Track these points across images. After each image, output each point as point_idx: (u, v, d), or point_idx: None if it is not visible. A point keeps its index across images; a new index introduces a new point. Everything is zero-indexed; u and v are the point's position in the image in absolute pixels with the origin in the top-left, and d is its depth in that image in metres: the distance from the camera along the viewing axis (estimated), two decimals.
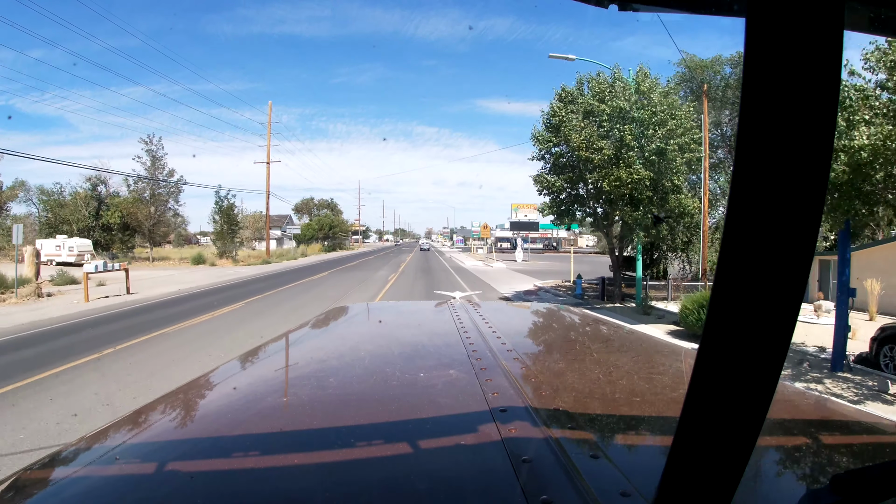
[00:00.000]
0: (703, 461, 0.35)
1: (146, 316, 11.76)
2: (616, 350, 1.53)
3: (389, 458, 0.73)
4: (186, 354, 7.82)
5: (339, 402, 0.97)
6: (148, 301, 14.43)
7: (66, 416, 5.09)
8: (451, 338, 1.39)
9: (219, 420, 0.93)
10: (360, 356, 1.35)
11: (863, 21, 0.49)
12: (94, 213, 35.14)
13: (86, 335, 9.44)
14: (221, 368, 1.30)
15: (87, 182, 35.97)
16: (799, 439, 0.87)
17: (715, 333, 0.34)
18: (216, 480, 0.70)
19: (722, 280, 0.33)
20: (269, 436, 0.82)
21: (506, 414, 0.81)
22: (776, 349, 0.33)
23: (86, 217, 34.81)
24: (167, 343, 8.75)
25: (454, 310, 1.83)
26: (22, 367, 6.92)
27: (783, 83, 0.31)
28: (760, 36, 0.31)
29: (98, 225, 34.79)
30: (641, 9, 0.53)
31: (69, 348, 8.17)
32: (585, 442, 0.73)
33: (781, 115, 0.31)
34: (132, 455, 0.82)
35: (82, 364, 7.21)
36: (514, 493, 0.60)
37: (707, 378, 0.34)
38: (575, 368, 1.23)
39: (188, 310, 12.55)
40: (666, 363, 1.37)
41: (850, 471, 0.45)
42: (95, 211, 35.26)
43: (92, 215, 35.02)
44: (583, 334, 1.77)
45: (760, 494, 0.64)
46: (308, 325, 1.87)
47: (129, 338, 8.93)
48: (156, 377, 6.41)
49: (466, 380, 1.01)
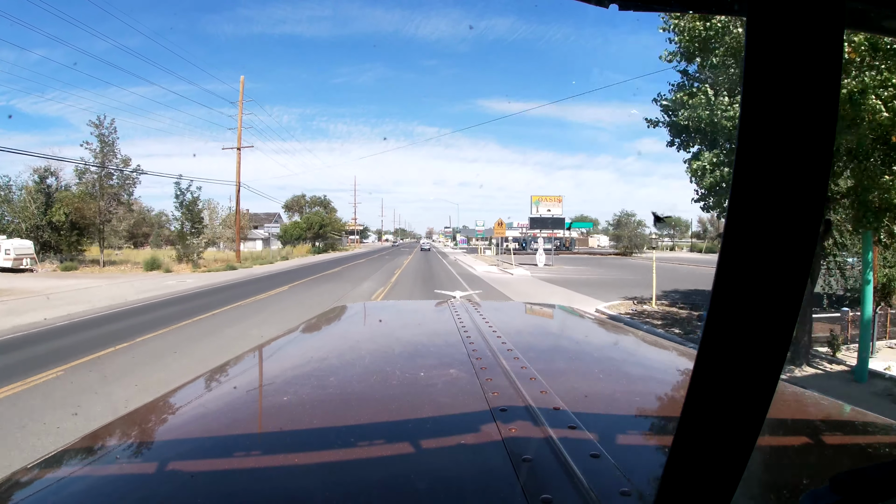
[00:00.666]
0: (703, 461, 0.35)
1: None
2: (616, 350, 1.55)
3: (389, 457, 0.73)
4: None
5: (340, 401, 0.97)
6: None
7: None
8: (452, 337, 1.40)
9: (219, 419, 0.93)
10: (361, 355, 1.36)
11: (863, 20, 0.50)
12: (43, 210, 29.32)
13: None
14: (222, 367, 1.29)
15: (35, 174, 30.06)
16: (798, 439, 0.87)
17: (715, 333, 0.34)
18: (216, 480, 0.70)
19: (722, 280, 0.33)
20: (270, 435, 0.83)
21: (506, 413, 0.82)
22: (776, 349, 0.33)
23: (34, 215, 29.16)
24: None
25: (454, 309, 1.84)
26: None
27: (784, 82, 0.31)
28: (761, 35, 0.31)
29: (46, 223, 29.12)
30: (642, 8, 0.53)
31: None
32: (586, 441, 0.73)
33: (783, 114, 0.31)
34: (132, 454, 0.83)
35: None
36: (515, 492, 0.60)
37: (707, 378, 0.34)
38: (575, 368, 1.24)
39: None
40: (666, 363, 1.40)
41: (849, 471, 0.45)
42: (44, 207, 29.39)
43: (40, 212, 29.24)
44: (583, 333, 1.78)
45: (760, 494, 0.64)
46: (308, 324, 1.85)
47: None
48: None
49: (467, 379, 1.01)
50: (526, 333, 1.70)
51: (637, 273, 22.98)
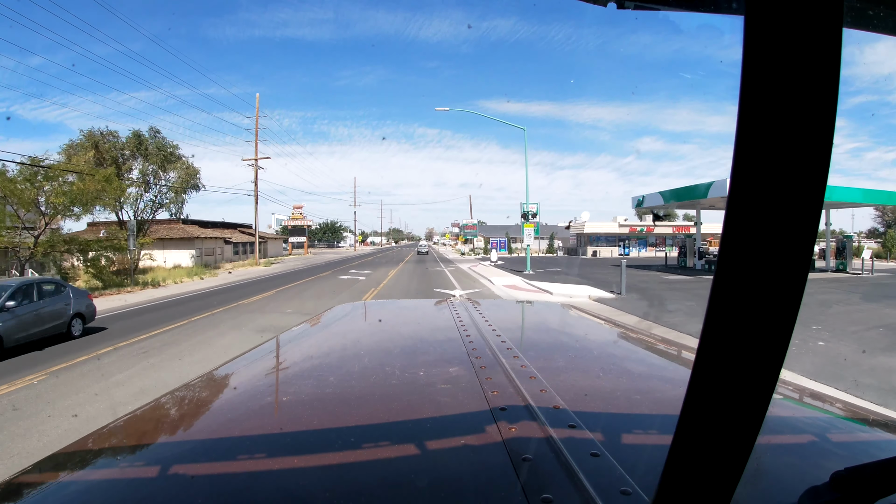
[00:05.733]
0: (703, 459, 0.35)
1: None
2: (616, 348, 1.54)
3: (389, 456, 0.72)
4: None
5: (339, 401, 0.96)
6: None
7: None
8: (451, 336, 1.39)
9: (219, 420, 0.93)
10: (360, 355, 1.34)
11: (862, 19, 0.50)
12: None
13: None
14: (222, 368, 1.29)
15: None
16: (798, 436, 0.86)
17: (714, 332, 0.34)
18: (216, 480, 0.70)
19: (721, 279, 0.33)
20: (270, 435, 0.82)
21: (506, 412, 0.81)
22: (776, 348, 0.33)
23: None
24: None
25: (454, 308, 1.83)
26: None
27: (782, 81, 0.31)
28: (759, 34, 0.31)
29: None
30: (639, 7, 0.53)
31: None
32: (586, 440, 0.72)
33: (781, 113, 0.31)
34: (132, 455, 0.82)
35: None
36: (515, 491, 0.60)
37: (707, 376, 0.34)
38: (575, 366, 1.23)
39: None
40: (666, 361, 1.39)
41: (849, 468, 0.45)
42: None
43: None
44: (583, 332, 1.76)
45: (760, 492, 0.64)
46: (307, 324, 1.86)
47: None
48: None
49: (466, 378, 1.00)
50: (525, 332, 1.70)
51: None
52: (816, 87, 0.31)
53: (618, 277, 15.76)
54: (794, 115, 0.31)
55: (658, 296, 14.72)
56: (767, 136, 0.31)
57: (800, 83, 0.31)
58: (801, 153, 0.31)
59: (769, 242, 0.32)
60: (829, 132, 0.31)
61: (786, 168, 0.31)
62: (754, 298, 0.33)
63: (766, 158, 0.31)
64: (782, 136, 0.31)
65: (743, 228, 0.32)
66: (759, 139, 0.31)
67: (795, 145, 0.31)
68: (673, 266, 28.67)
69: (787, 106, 0.31)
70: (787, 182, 0.31)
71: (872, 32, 0.52)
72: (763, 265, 0.32)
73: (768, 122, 0.31)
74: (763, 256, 0.32)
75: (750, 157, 0.31)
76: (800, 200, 0.32)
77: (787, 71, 0.31)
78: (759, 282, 0.33)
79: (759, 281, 0.33)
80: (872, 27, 0.51)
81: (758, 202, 0.32)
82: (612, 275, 20.55)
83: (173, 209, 29.11)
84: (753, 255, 0.32)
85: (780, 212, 0.32)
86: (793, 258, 0.32)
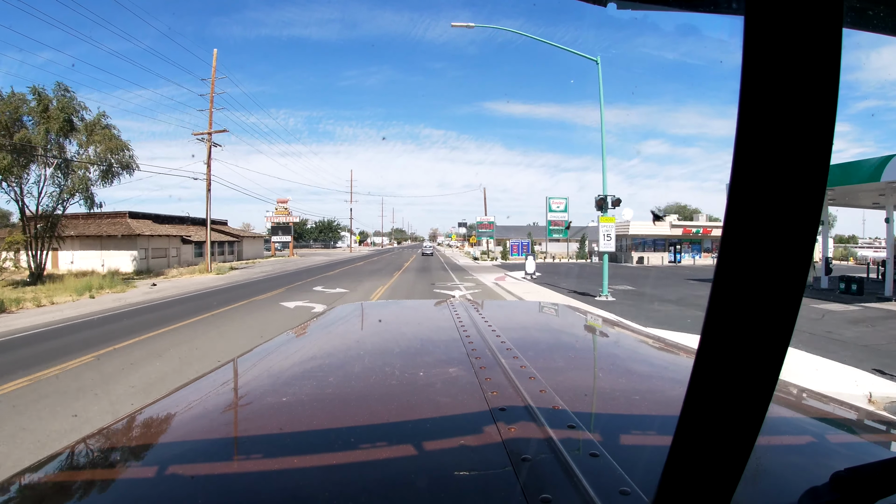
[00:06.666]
0: (703, 460, 0.35)
1: None
2: (616, 348, 1.53)
3: (389, 457, 0.72)
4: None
5: (339, 401, 0.96)
6: None
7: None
8: (451, 336, 1.39)
9: (218, 420, 0.93)
10: (360, 355, 1.34)
11: (863, 20, 0.50)
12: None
13: None
14: (221, 368, 1.29)
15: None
16: (798, 437, 0.86)
17: (714, 332, 0.34)
18: (216, 480, 0.70)
19: (721, 279, 0.33)
20: (269, 436, 0.82)
21: (505, 413, 0.81)
22: (776, 348, 0.33)
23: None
24: None
25: (453, 308, 1.83)
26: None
27: (782, 81, 0.31)
28: (759, 34, 0.31)
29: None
30: (639, 7, 0.53)
31: None
32: (585, 441, 0.72)
33: (781, 113, 0.31)
34: (132, 455, 0.83)
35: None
36: (514, 492, 0.60)
37: (707, 376, 0.34)
38: (574, 367, 1.22)
39: None
40: (665, 361, 1.38)
41: (849, 468, 0.45)
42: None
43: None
44: (582, 332, 1.76)
45: (760, 492, 0.64)
46: (307, 324, 1.86)
47: None
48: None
49: (466, 379, 1.00)
50: (525, 332, 1.70)
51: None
52: (816, 87, 0.31)
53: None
54: (794, 114, 0.31)
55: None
56: (767, 136, 0.31)
57: (800, 83, 0.30)
58: (800, 152, 0.31)
59: (769, 243, 0.32)
60: (829, 131, 0.31)
61: (785, 167, 0.31)
62: (754, 299, 0.33)
63: (767, 158, 0.31)
64: (782, 135, 0.31)
65: (743, 229, 0.32)
66: (759, 139, 0.31)
67: (795, 145, 0.31)
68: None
69: (787, 105, 0.31)
70: (788, 181, 0.31)
71: (873, 33, 0.51)
72: (763, 266, 0.32)
73: (768, 121, 0.31)
74: (763, 257, 0.32)
75: (750, 157, 0.31)
76: (800, 199, 0.31)
77: (787, 70, 0.30)
78: (759, 282, 0.33)
79: (759, 281, 0.33)
80: (873, 27, 0.51)
81: (758, 202, 0.32)
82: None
83: (98, 196, 20.49)
84: (753, 256, 0.32)
85: (779, 212, 0.32)
86: (793, 259, 0.32)
